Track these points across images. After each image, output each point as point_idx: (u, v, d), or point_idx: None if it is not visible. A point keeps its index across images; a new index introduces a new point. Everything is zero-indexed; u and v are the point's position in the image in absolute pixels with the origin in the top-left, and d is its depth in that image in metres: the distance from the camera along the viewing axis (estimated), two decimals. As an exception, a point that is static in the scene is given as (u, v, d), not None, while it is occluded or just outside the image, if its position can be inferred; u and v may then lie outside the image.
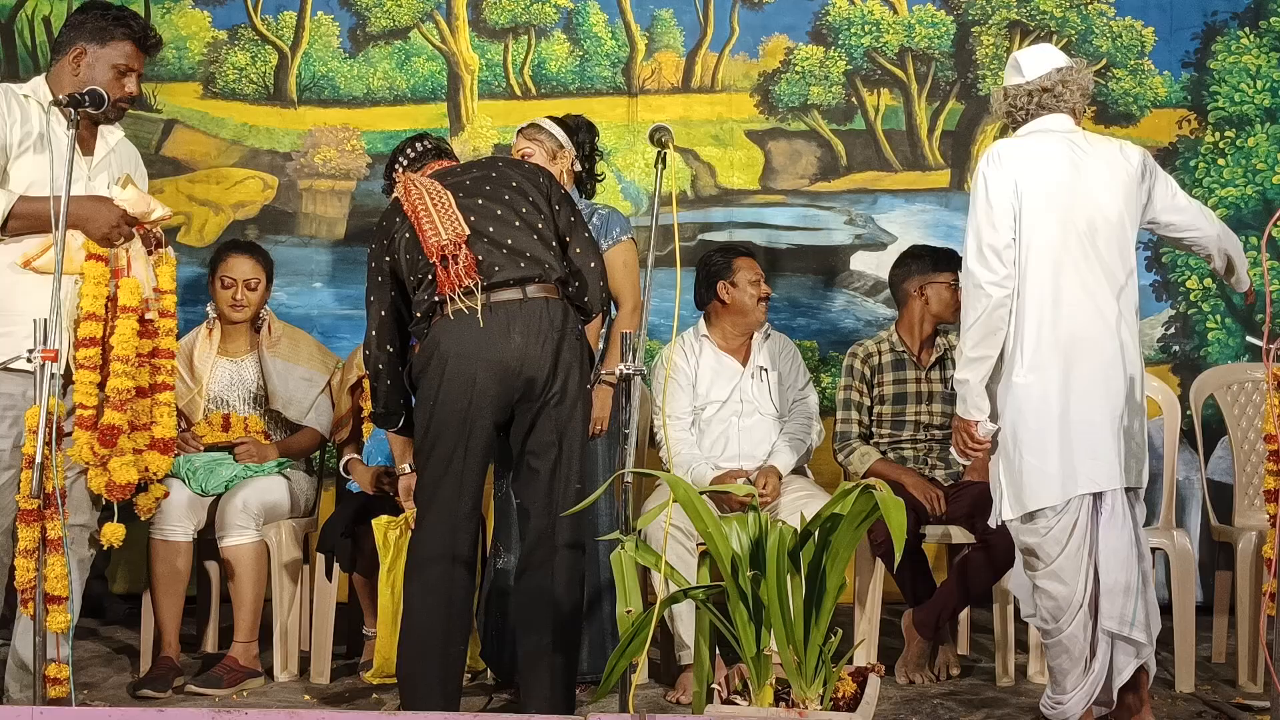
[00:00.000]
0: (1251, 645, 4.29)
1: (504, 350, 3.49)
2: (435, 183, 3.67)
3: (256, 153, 5.78)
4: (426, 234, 3.55)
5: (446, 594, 3.53)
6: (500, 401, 3.52)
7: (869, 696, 2.92)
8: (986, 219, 3.56)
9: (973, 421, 3.64)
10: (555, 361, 3.52)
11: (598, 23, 5.75)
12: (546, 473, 3.56)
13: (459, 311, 3.50)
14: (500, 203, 3.64)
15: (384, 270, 3.68)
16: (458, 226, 3.55)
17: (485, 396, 3.49)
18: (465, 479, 3.52)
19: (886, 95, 5.74)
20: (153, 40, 3.88)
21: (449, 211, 3.58)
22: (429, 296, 3.55)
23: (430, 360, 3.52)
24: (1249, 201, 5.65)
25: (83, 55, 3.77)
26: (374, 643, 4.42)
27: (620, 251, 4.29)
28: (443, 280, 3.51)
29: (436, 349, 3.51)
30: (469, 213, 3.59)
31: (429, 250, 3.53)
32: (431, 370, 3.51)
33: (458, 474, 3.51)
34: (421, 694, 3.50)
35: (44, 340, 3.28)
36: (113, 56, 3.79)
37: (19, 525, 3.32)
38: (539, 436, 3.56)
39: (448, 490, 3.52)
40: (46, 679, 3.33)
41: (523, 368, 3.50)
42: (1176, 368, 5.61)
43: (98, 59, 3.77)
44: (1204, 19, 5.68)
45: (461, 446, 3.50)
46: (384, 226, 3.70)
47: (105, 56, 3.78)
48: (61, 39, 3.83)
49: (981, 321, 3.56)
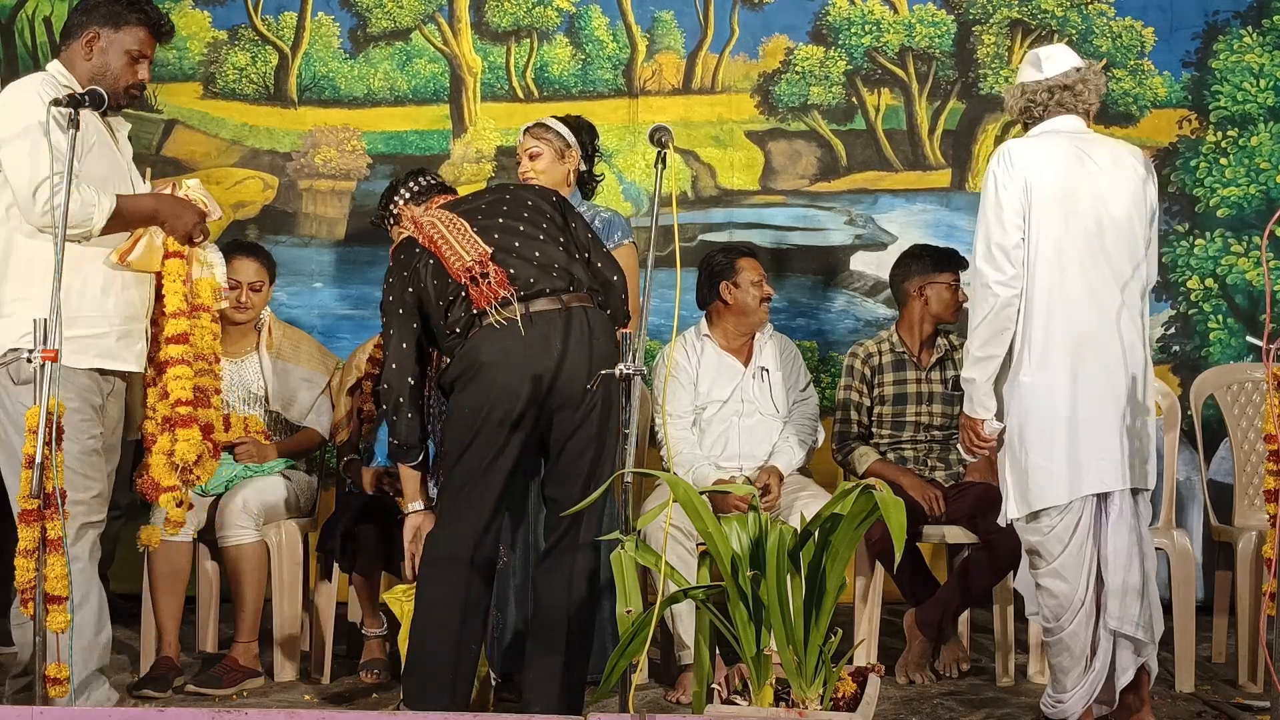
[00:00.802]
0: (1251, 645, 4.29)
1: (546, 359, 3.51)
2: (445, 212, 3.69)
3: (257, 153, 5.78)
4: (449, 260, 3.57)
5: (463, 599, 3.52)
6: (539, 410, 3.53)
7: (869, 696, 2.92)
8: (996, 218, 3.55)
9: (979, 420, 3.64)
10: (591, 366, 3.54)
11: (599, 26, 5.76)
12: (584, 477, 3.57)
13: (499, 322, 3.51)
14: (520, 220, 3.66)
15: (405, 302, 3.66)
16: (478, 247, 3.57)
17: (525, 404, 3.50)
18: (495, 484, 3.53)
19: (887, 95, 5.74)
20: (166, 26, 3.83)
21: (466, 235, 3.60)
22: (465, 313, 3.56)
23: (470, 367, 3.52)
24: (1252, 201, 5.65)
25: (96, 40, 3.71)
26: (374, 643, 4.43)
27: (621, 255, 4.29)
28: (477, 297, 3.53)
29: (478, 357, 3.51)
30: (491, 232, 3.61)
31: (456, 274, 3.55)
32: (472, 377, 3.51)
33: (488, 479, 3.52)
34: (429, 697, 3.49)
35: (44, 340, 3.27)
36: (126, 42, 3.73)
37: (19, 525, 3.32)
38: (579, 442, 3.57)
39: (477, 494, 3.52)
40: (46, 679, 3.32)
41: (563, 375, 3.52)
42: (1177, 368, 5.61)
43: (111, 44, 3.72)
44: (1205, 18, 5.68)
45: (496, 452, 3.51)
46: (402, 260, 3.68)
47: (119, 41, 3.72)
48: (73, 23, 3.76)
49: (989, 321, 3.56)
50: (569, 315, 3.55)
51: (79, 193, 3.50)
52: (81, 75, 3.70)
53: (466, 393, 3.53)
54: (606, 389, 3.56)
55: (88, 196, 3.55)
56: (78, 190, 3.49)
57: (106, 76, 3.70)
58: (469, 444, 3.51)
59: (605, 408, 3.58)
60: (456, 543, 3.52)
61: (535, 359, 3.50)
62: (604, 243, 4.21)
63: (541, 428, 3.57)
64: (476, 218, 3.65)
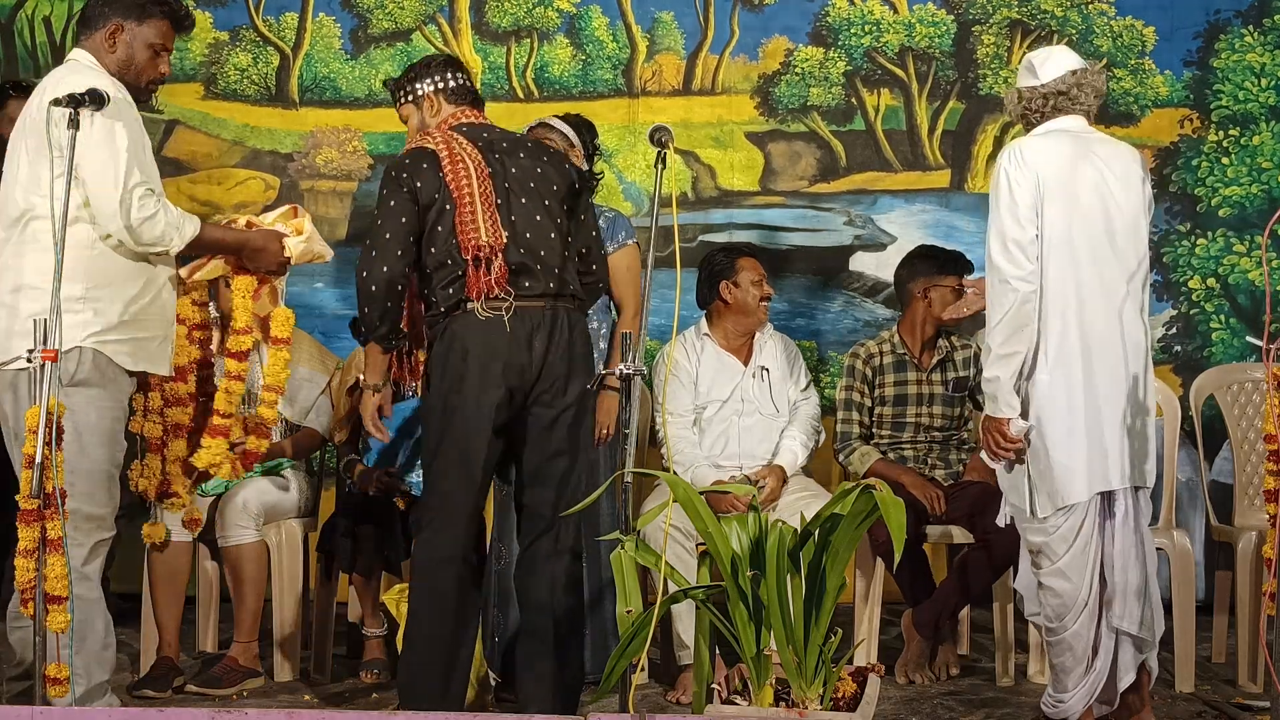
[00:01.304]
0: (1251, 645, 4.29)
1: (524, 357, 3.49)
2: (478, 154, 3.51)
3: (258, 153, 5.78)
4: (465, 223, 3.46)
5: (454, 602, 3.51)
6: (514, 406, 3.52)
7: (869, 696, 2.92)
8: (1010, 215, 3.54)
9: (1004, 420, 3.59)
10: (569, 369, 3.53)
11: (599, 26, 5.76)
12: (556, 479, 3.56)
13: (484, 313, 3.48)
14: (541, 208, 3.57)
15: (404, 203, 3.47)
16: (497, 233, 3.48)
17: (502, 400, 3.48)
18: (475, 481, 3.52)
19: (887, 95, 5.75)
20: (188, 19, 3.73)
21: (490, 207, 3.49)
22: (454, 292, 3.50)
23: (449, 357, 3.49)
24: (1254, 200, 5.65)
25: (119, 31, 3.59)
26: (374, 643, 4.43)
27: (625, 255, 4.30)
28: (473, 281, 3.47)
29: (459, 347, 3.48)
30: (510, 213, 3.53)
31: (465, 245, 3.46)
32: (450, 369, 3.48)
33: (468, 476, 3.50)
34: (425, 700, 3.49)
35: (44, 340, 3.27)
36: (149, 35, 3.61)
37: (19, 525, 3.32)
38: (552, 443, 3.55)
39: (457, 492, 3.51)
40: (46, 679, 3.32)
41: (540, 375, 3.51)
42: (1178, 368, 5.60)
43: (135, 36, 3.60)
44: (1206, 18, 5.68)
45: (474, 449, 3.49)
46: (421, 170, 3.49)
47: (142, 35, 3.60)
48: (92, 13, 3.63)
49: (1010, 317, 3.53)
50: (553, 317, 3.53)
51: (165, 211, 3.45)
52: (108, 67, 3.58)
53: (444, 383, 3.49)
54: (581, 397, 3.57)
55: (173, 218, 3.47)
56: (163, 208, 3.44)
57: (131, 69, 3.60)
58: (448, 439, 3.49)
59: (579, 413, 3.58)
60: (443, 545, 3.51)
61: (514, 356, 3.48)
62: (607, 243, 4.23)
63: (516, 429, 3.55)
64: (501, 184, 3.54)
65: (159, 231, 3.44)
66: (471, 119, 3.65)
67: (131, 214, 3.41)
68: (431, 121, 3.64)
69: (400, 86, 3.69)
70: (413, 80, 3.67)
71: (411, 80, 3.67)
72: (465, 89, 3.67)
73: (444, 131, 3.58)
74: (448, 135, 3.56)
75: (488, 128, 3.66)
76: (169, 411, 3.74)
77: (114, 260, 3.47)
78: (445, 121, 3.62)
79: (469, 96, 3.68)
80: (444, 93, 3.65)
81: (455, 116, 3.64)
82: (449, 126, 3.60)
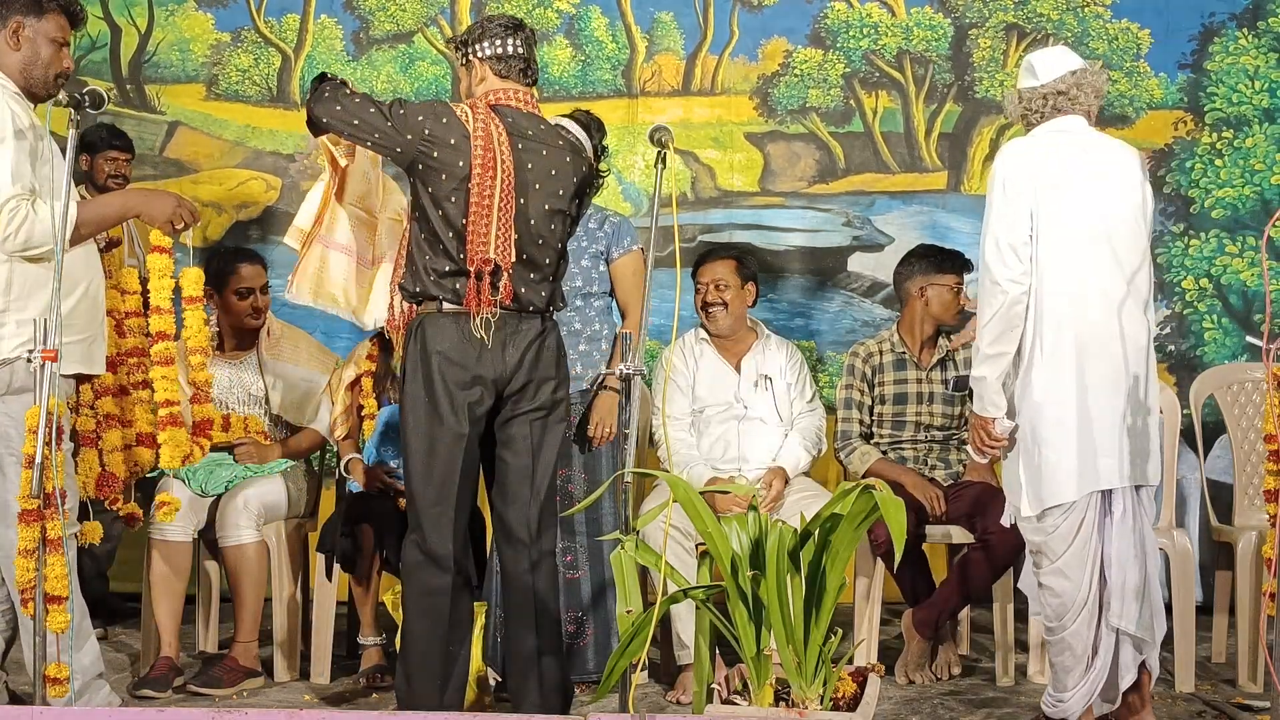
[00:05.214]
0: (1251, 645, 4.30)
1: (498, 364, 3.50)
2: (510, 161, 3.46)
3: (260, 154, 5.79)
4: (475, 224, 3.44)
5: (443, 600, 3.52)
6: (490, 413, 3.55)
7: (869, 696, 2.93)
8: (1003, 216, 3.56)
9: (990, 419, 3.62)
10: (540, 375, 3.55)
11: (599, 27, 5.77)
12: (527, 482, 3.58)
13: (465, 321, 3.48)
14: (553, 218, 3.57)
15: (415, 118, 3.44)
16: (506, 251, 3.46)
17: (478, 406, 3.50)
18: (457, 487, 3.52)
19: (884, 97, 5.76)
20: (81, 13, 3.75)
21: (506, 224, 3.46)
22: (445, 284, 3.48)
23: (422, 363, 3.49)
24: (1247, 202, 5.66)
25: (21, 28, 3.61)
26: (371, 651, 4.42)
27: (631, 260, 4.31)
28: (469, 292, 3.47)
29: (433, 352, 3.48)
30: (524, 219, 3.51)
31: (471, 254, 3.44)
32: (424, 375, 3.49)
33: (450, 482, 3.51)
34: (421, 700, 3.50)
35: (43, 340, 3.27)
36: (49, 29, 3.63)
37: (19, 525, 3.32)
38: (525, 446, 3.57)
39: (441, 499, 3.51)
40: (46, 679, 3.33)
41: (513, 381, 3.52)
42: (1173, 367, 5.62)
43: (37, 32, 3.61)
44: (1201, 20, 5.70)
45: (454, 455, 3.50)
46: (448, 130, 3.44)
47: (43, 30, 3.62)
48: None
49: (999, 318, 3.55)
50: (529, 326, 3.53)
51: (35, 211, 3.45)
52: (12, 67, 3.60)
53: (419, 390, 3.49)
54: (558, 401, 3.59)
55: (43, 213, 3.46)
56: (32, 211, 3.44)
57: (37, 65, 3.61)
58: (427, 446, 3.50)
59: (554, 419, 3.60)
60: (423, 546, 3.52)
61: (489, 363, 3.49)
62: (613, 249, 4.26)
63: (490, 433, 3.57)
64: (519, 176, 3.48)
65: (23, 239, 3.45)
66: (515, 103, 3.55)
67: (3, 228, 3.44)
68: (476, 90, 3.58)
69: (460, 45, 3.62)
70: (471, 42, 3.59)
71: (469, 42, 3.60)
72: (518, 59, 3.56)
73: (486, 112, 3.50)
74: (489, 118, 3.48)
75: (527, 116, 3.56)
76: (99, 403, 3.73)
77: (29, 269, 3.49)
78: (487, 96, 3.55)
79: (519, 69, 3.57)
80: (494, 60, 3.56)
81: (498, 95, 3.55)
82: (490, 105, 3.53)
